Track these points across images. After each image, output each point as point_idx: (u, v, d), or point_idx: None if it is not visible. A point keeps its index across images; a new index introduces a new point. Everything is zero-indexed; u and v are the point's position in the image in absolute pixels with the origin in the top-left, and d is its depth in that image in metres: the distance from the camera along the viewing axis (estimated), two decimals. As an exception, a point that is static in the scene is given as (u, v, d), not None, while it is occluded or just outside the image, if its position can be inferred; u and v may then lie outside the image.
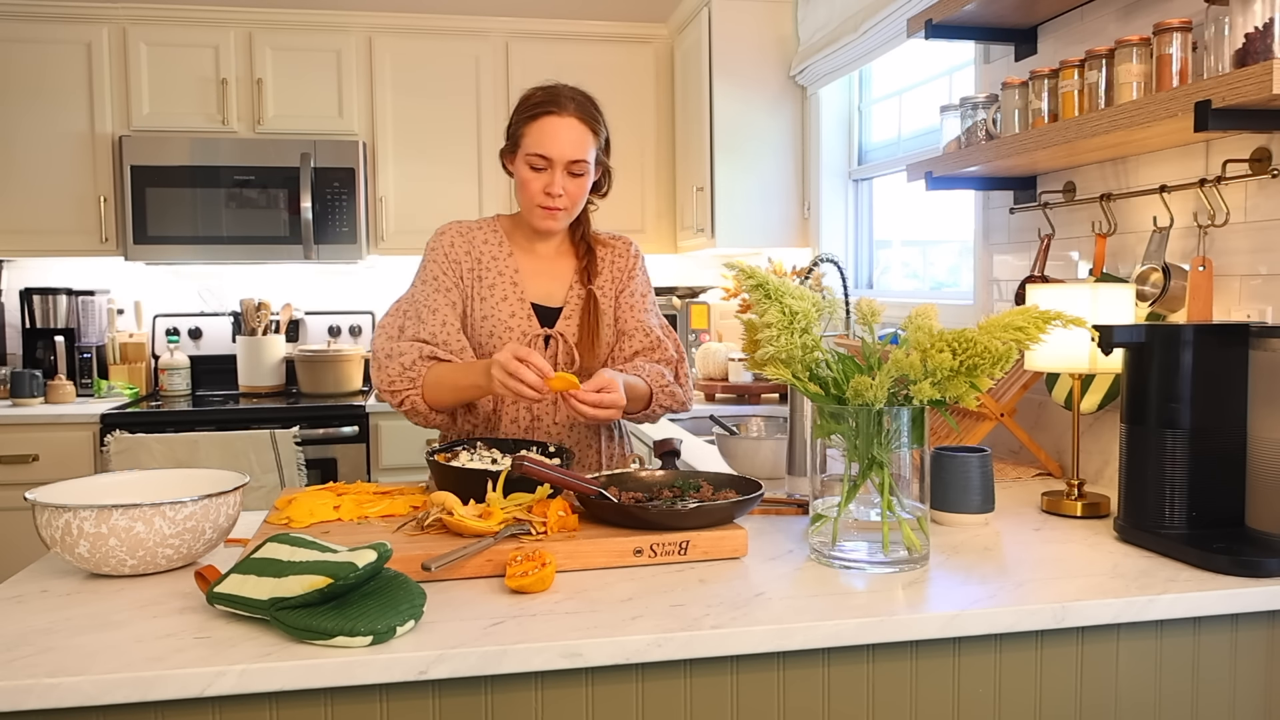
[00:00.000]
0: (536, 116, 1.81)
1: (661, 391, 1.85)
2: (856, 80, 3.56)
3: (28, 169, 3.66)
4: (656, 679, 1.14)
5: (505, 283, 1.88)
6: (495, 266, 1.89)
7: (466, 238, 1.91)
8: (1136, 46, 1.64)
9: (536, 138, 1.79)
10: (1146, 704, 1.27)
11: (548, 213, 1.83)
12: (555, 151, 1.79)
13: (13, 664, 1.03)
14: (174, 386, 3.86)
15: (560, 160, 1.79)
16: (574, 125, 1.80)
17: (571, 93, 1.84)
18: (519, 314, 1.87)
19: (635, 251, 2.00)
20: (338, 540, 1.37)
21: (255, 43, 3.77)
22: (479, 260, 1.89)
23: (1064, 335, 1.59)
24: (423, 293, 1.86)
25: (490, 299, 1.87)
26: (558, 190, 1.80)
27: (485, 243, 1.91)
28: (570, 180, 1.82)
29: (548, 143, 1.79)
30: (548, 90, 1.84)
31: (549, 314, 1.89)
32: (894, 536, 1.35)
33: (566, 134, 1.79)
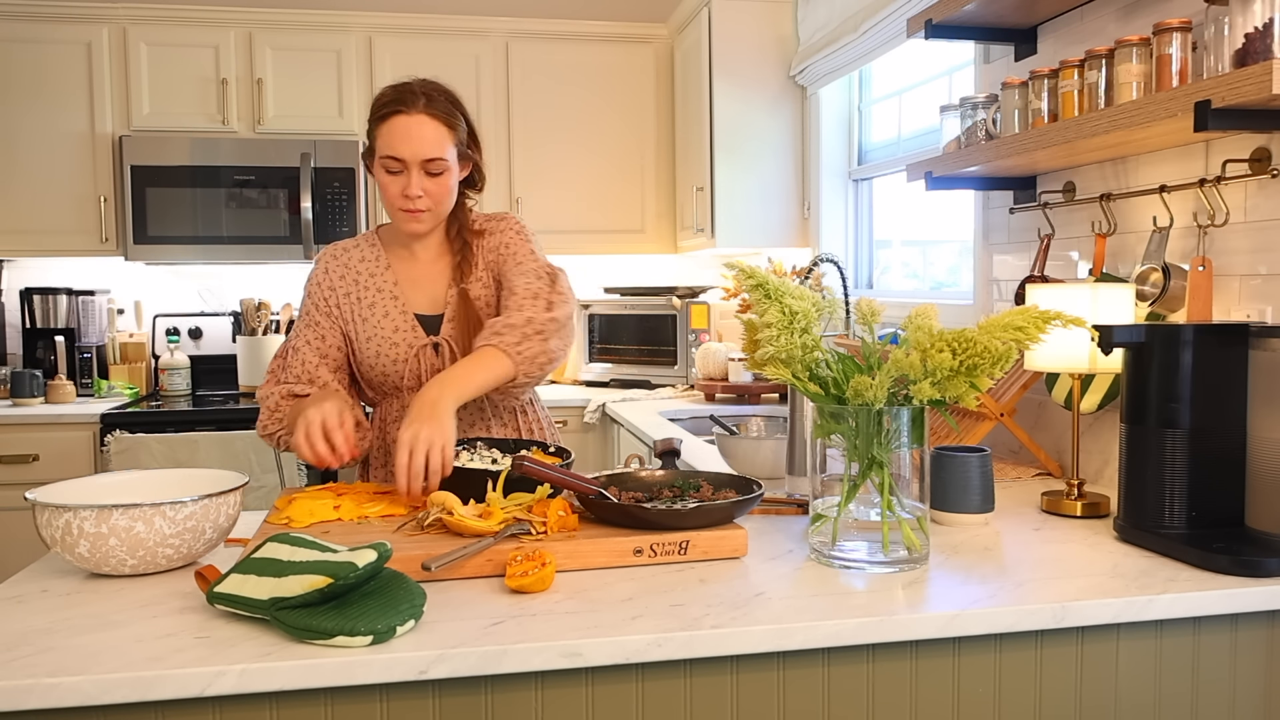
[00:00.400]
0: (385, 117, 1.75)
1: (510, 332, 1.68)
2: (856, 80, 3.56)
3: (28, 169, 3.66)
4: (656, 679, 1.14)
5: (385, 298, 1.85)
6: (373, 283, 1.86)
7: (340, 260, 1.88)
8: (1136, 46, 1.64)
9: (387, 139, 1.74)
10: (1146, 704, 1.27)
11: (410, 215, 1.78)
12: (407, 152, 1.73)
13: (13, 664, 1.03)
14: (174, 386, 3.86)
15: (414, 160, 1.74)
16: (424, 122, 1.74)
17: (424, 88, 1.78)
18: (402, 327, 1.84)
19: (511, 225, 1.91)
20: (338, 540, 1.37)
21: (255, 43, 3.78)
22: (356, 281, 1.86)
23: (1064, 335, 1.59)
24: (295, 332, 1.87)
25: (371, 318, 1.84)
26: (415, 191, 1.75)
27: (361, 260, 1.88)
28: (429, 180, 1.76)
29: (398, 144, 1.73)
30: (398, 88, 1.77)
31: (432, 321, 1.86)
32: (894, 536, 1.35)
33: (417, 132, 1.73)
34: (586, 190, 4.09)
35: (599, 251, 4.15)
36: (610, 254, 4.22)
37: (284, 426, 1.78)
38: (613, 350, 4.04)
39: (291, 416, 1.72)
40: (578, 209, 4.08)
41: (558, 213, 4.05)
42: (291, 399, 1.80)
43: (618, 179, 4.11)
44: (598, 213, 4.11)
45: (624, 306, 4.01)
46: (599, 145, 4.09)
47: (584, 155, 4.07)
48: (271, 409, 1.81)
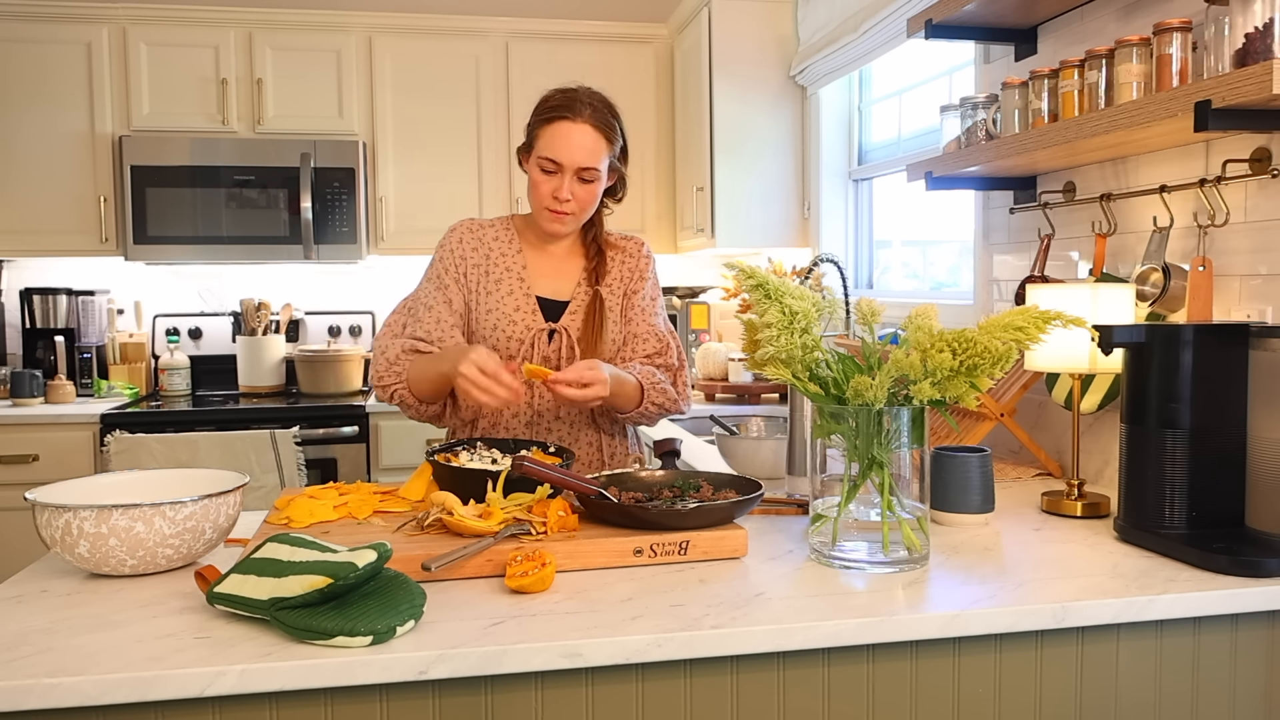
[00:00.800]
0: (551, 120, 1.81)
1: (653, 389, 1.86)
2: (856, 80, 3.56)
3: (28, 169, 3.66)
4: (656, 679, 1.14)
5: (512, 278, 1.90)
6: (503, 262, 1.91)
7: (476, 234, 1.94)
8: (1136, 46, 1.64)
9: (549, 141, 1.80)
10: (1146, 704, 1.27)
11: (555, 216, 1.84)
12: (566, 157, 1.79)
13: (13, 664, 1.03)
14: (174, 386, 3.86)
15: (570, 166, 1.80)
16: (587, 132, 1.80)
17: (590, 98, 1.84)
18: (523, 308, 1.88)
19: (647, 253, 2.00)
20: (338, 540, 1.37)
21: (255, 43, 3.77)
22: (487, 256, 1.91)
23: (1064, 335, 1.59)
24: (424, 290, 1.91)
25: (496, 293, 1.89)
26: (565, 195, 1.81)
27: (495, 239, 1.93)
28: (580, 186, 1.82)
29: (559, 148, 1.79)
30: (566, 94, 1.83)
31: (554, 307, 1.91)
32: (894, 536, 1.35)
33: (579, 140, 1.79)
34: (586, 190, 4.08)
35: (599, 251, 4.14)
36: (610, 254, 4.21)
37: (403, 381, 1.82)
38: (613, 350, 4.03)
39: (420, 375, 1.79)
40: (578, 209, 4.07)
41: (558, 213, 4.04)
42: (414, 354, 1.83)
43: (618, 179, 4.11)
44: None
45: (624, 306, 4.00)
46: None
47: (584, 155, 4.06)
48: (391, 361, 1.83)
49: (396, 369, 1.83)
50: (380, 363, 1.85)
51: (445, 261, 1.91)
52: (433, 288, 1.90)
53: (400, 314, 1.93)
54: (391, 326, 1.91)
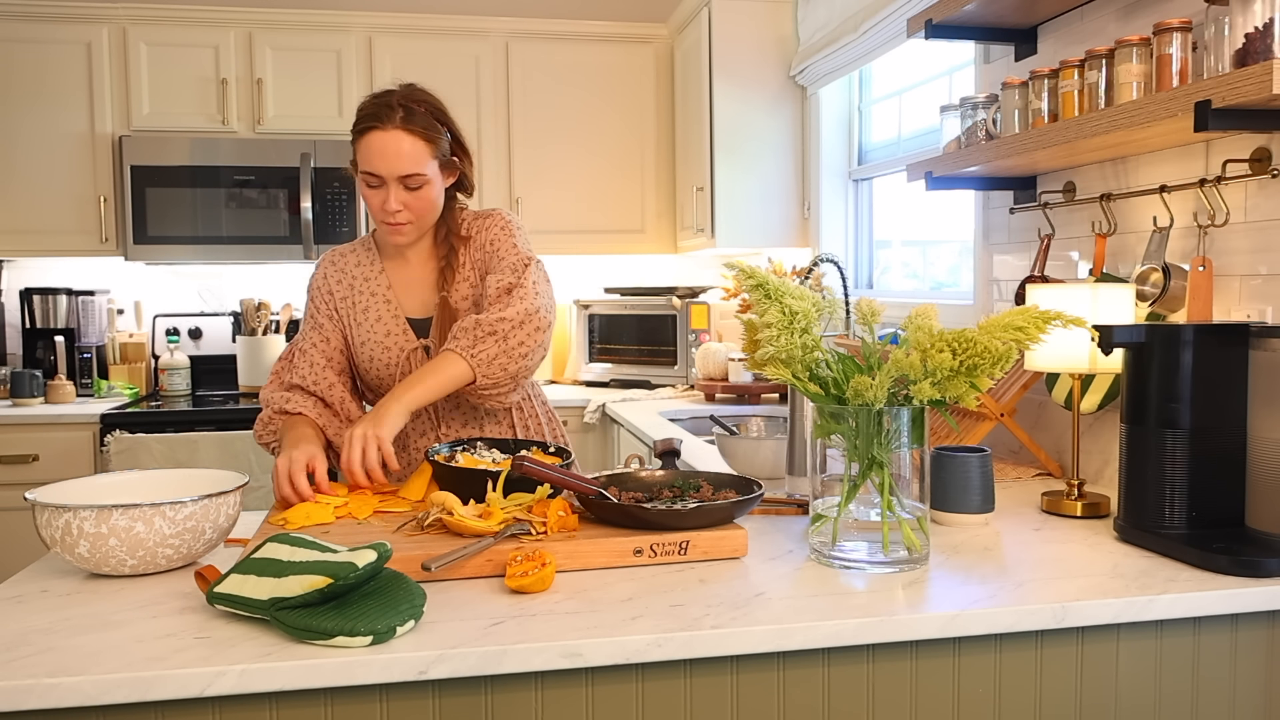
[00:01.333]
0: (363, 132, 1.73)
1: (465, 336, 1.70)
2: (856, 80, 3.56)
3: (28, 169, 3.66)
4: (656, 679, 1.14)
5: (379, 302, 1.88)
6: (368, 287, 1.89)
7: (338, 265, 1.91)
8: (1136, 46, 1.64)
9: (365, 154, 1.74)
10: (1146, 704, 1.27)
11: (392, 229, 1.79)
12: (384, 169, 1.72)
13: (13, 664, 1.03)
14: (174, 386, 3.86)
15: (390, 176, 1.73)
16: (400, 139, 1.71)
17: (404, 100, 1.75)
18: (394, 331, 1.86)
19: (494, 221, 1.87)
20: (338, 540, 1.37)
21: (255, 43, 3.78)
22: (351, 286, 1.89)
23: (1064, 335, 1.59)
24: (300, 334, 1.91)
25: (365, 321, 1.87)
26: (394, 206, 1.75)
27: (358, 265, 1.90)
28: (408, 194, 1.75)
29: (375, 160, 1.72)
30: (377, 101, 1.75)
31: (423, 324, 1.88)
32: (894, 536, 1.35)
33: (394, 147, 1.71)
34: (586, 190, 4.09)
35: (599, 251, 4.15)
36: (610, 254, 4.22)
37: (277, 439, 1.83)
38: (613, 350, 4.04)
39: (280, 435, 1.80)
40: (578, 209, 4.08)
41: (558, 213, 4.05)
42: (283, 415, 1.83)
43: (618, 179, 4.11)
44: (598, 213, 4.11)
45: (624, 306, 4.01)
46: (599, 145, 4.09)
47: (584, 155, 4.07)
48: (265, 421, 1.85)
49: (272, 428, 1.84)
50: (261, 417, 1.86)
51: (316, 301, 1.90)
52: (308, 329, 1.89)
53: (284, 360, 1.91)
54: (278, 374, 1.89)
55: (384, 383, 1.88)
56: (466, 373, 1.70)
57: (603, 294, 4.23)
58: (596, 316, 4.08)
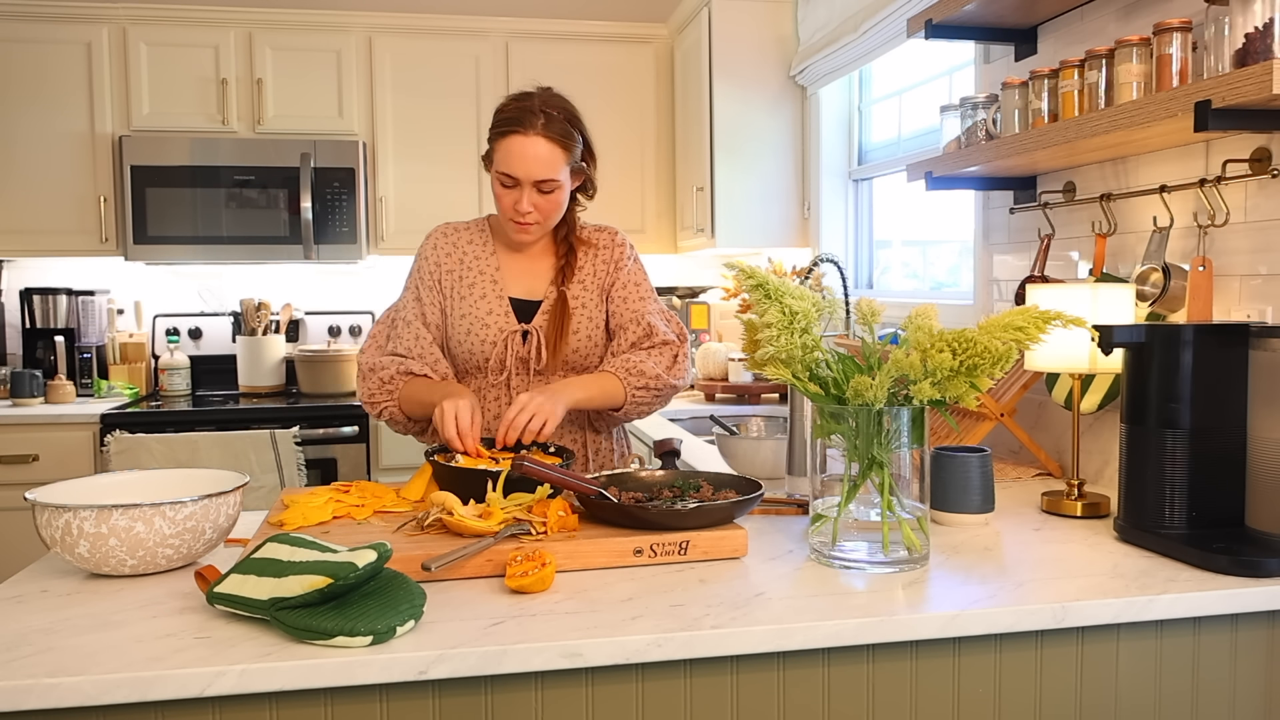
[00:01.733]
0: (504, 134, 1.79)
1: (630, 376, 1.83)
2: (856, 80, 3.56)
3: (28, 169, 3.66)
4: (656, 679, 1.14)
5: (485, 280, 1.91)
6: (477, 265, 1.92)
7: (451, 239, 1.95)
8: (1136, 46, 1.64)
9: (504, 156, 1.79)
10: (1146, 704, 1.27)
11: (519, 228, 1.84)
12: (521, 172, 1.78)
13: (13, 664, 1.03)
14: (174, 386, 3.86)
15: (527, 180, 1.78)
16: (540, 144, 1.77)
17: (545, 105, 1.80)
18: (496, 310, 1.89)
19: (621, 241, 1.98)
20: (338, 540, 1.37)
21: (255, 43, 3.77)
22: (461, 260, 1.93)
23: (1064, 335, 1.59)
24: (403, 303, 1.94)
25: (470, 296, 1.90)
26: (526, 208, 1.80)
27: (470, 242, 1.94)
28: (541, 197, 1.81)
29: (514, 163, 1.78)
30: (519, 104, 1.80)
31: (527, 308, 1.91)
32: (894, 536, 1.35)
33: (533, 153, 1.77)
34: (586, 190, 4.08)
35: (599, 251, 4.14)
36: (610, 254, 4.21)
37: (394, 400, 1.85)
38: (613, 350, 4.03)
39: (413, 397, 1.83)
40: (578, 209, 4.07)
41: (558, 213, 4.04)
42: (408, 377, 1.85)
43: (618, 179, 4.11)
44: (598, 212, 4.09)
45: (624, 306, 4.00)
46: (599, 145, 4.02)
47: (584, 155, 4.06)
48: (384, 380, 1.85)
49: (389, 388, 1.86)
50: (373, 381, 1.87)
51: (422, 271, 1.93)
52: (410, 299, 1.92)
53: (384, 325, 1.95)
54: (375, 338, 1.93)
55: (473, 359, 1.90)
56: (619, 405, 1.85)
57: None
58: (596, 316, 4.07)
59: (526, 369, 1.89)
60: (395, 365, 1.86)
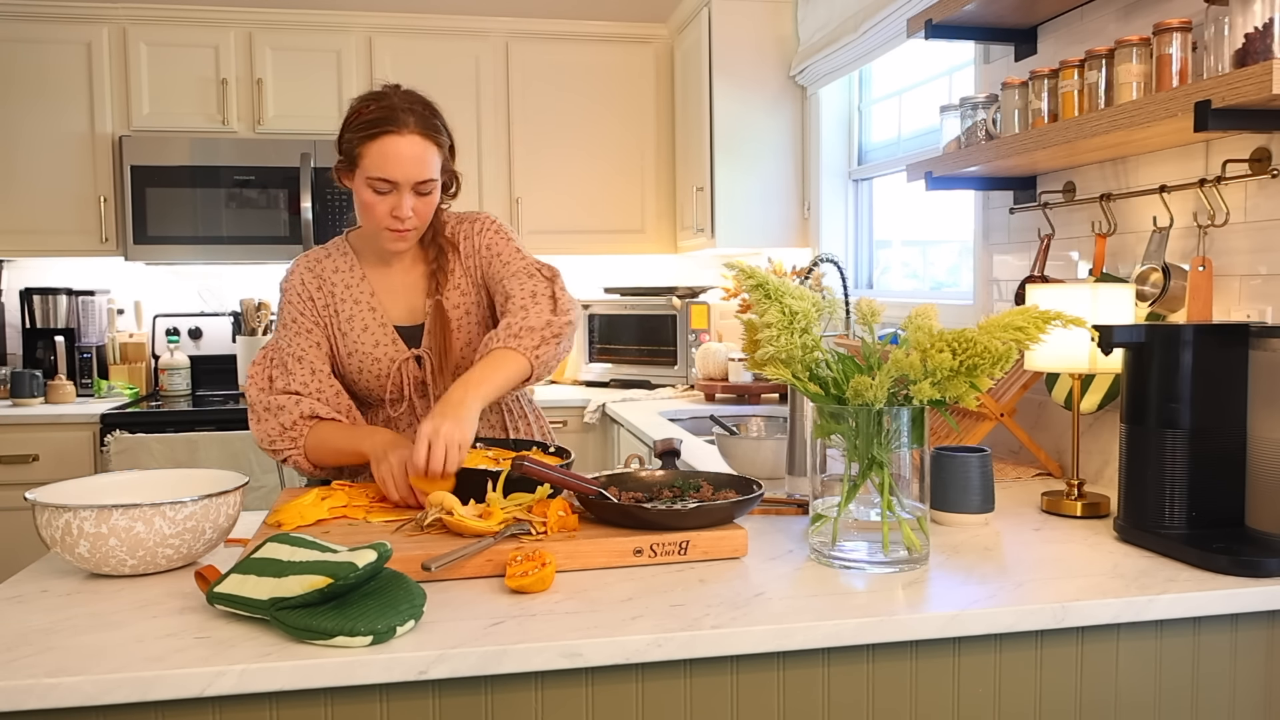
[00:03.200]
0: (375, 136, 1.67)
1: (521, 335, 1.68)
2: (856, 80, 3.56)
3: (28, 169, 3.66)
4: (656, 679, 1.14)
5: (363, 310, 1.80)
6: (350, 295, 1.81)
7: (315, 271, 1.82)
8: (1136, 46, 1.64)
9: (377, 160, 1.67)
10: (1146, 704, 1.27)
11: (397, 235, 1.72)
12: (400, 174, 1.67)
13: (13, 664, 1.03)
14: (174, 386, 3.86)
15: (406, 183, 1.68)
16: (416, 143, 1.67)
17: (409, 103, 1.70)
18: (382, 341, 1.80)
19: (484, 225, 1.85)
20: (337, 540, 1.37)
21: (255, 43, 3.77)
22: (332, 292, 1.81)
23: (1064, 335, 1.59)
24: (285, 339, 1.80)
25: (351, 331, 1.80)
26: (406, 213, 1.69)
27: (335, 271, 1.82)
28: (419, 199, 1.71)
29: (390, 166, 1.66)
30: (383, 104, 1.69)
31: (412, 332, 1.82)
32: (894, 536, 1.35)
33: (410, 152, 1.66)
34: (586, 191, 4.09)
35: (599, 252, 4.15)
36: (610, 254, 4.22)
37: (299, 449, 1.72)
38: (613, 350, 4.05)
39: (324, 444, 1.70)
40: (578, 209, 4.08)
41: (558, 213, 4.05)
42: (313, 421, 1.72)
43: (618, 179, 4.11)
44: (598, 213, 4.11)
45: (624, 306, 4.01)
46: (599, 146, 4.09)
47: (584, 156, 4.07)
48: (286, 426, 1.72)
49: (292, 434, 1.72)
50: (271, 425, 1.73)
51: (298, 305, 1.80)
52: (292, 334, 1.79)
53: (264, 365, 1.79)
54: (257, 380, 1.77)
55: (372, 393, 1.83)
56: (527, 371, 1.68)
57: (603, 294, 4.23)
58: (596, 316, 4.08)
59: (426, 393, 1.82)
60: (297, 409, 1.72)
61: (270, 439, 1.74)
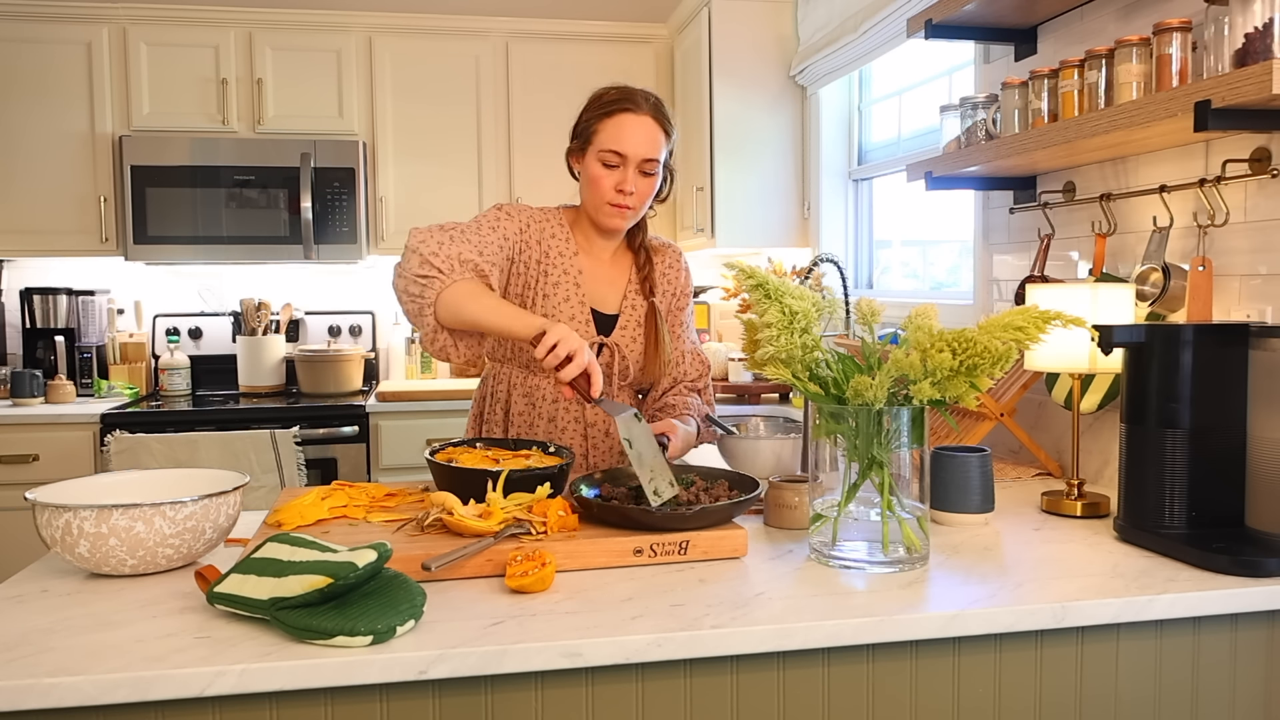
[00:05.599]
0: (612, 113, 1.80)
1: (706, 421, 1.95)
2: (856, 80, 3.56)
3: (28, 169, 3.66)
4: (656, 679, 1.14)
5: (569, 283, 1.86)
6: (561, 264, 1.86)
7: (539, 224, 1.87)
8: (1136, 46, 1.64)
9: (613, 134, 1.78)
10: (1146, 704, 1.27)
11: (617, 210, 1.82)
12: (630, 148, 1.78)
13: (13, 664, 1.03)
14: (174, 386, 3.86)
15: (634, 158, 1.78)
16: (649, 124, 1.79)
17: (646, 94, 1.84)
18: (578, 318, 1.85)
19: (685, 265, 2.00)
20: (338, 540, 1.37)
21: (255, 43, 3.77)
22: (547, 253, 1.86)
23: (1064, 335, 1.59)
24: (472, 230, 1.76)
25: (553, 297, 1.84)
26: (630, 188, 1.79)
27: (554, 236, 1.88)
28: (641, 179, 1.81)
29: (625, 139, 1.78)
30: (623, 89, 1.84)
31: (605, 321, 1.89)
32: (894, 536, 1.35)
33: (643, 131, 1.78)
34: (586, 190, 4.08)
35: (599, 251, 4.15)
36: (610, 254, 4.21)
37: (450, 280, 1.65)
38: (613, 350, 4.03)
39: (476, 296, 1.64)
40: (578, 209, 4.07)
41: (558, 213, 4.04)
42: (480, 275, 1.70)
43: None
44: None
45: (624, 306, 4.00)
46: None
47: (584, 155, 4.06)
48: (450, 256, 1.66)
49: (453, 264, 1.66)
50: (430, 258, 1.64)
51: (506, 229, 1.80)
52: (486, 233, 1.76)
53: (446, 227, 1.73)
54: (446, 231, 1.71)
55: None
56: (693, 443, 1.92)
57: (603, 294, 4.23)
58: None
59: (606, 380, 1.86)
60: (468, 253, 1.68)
61: (422, 258, 1.65)
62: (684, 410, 1.92)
